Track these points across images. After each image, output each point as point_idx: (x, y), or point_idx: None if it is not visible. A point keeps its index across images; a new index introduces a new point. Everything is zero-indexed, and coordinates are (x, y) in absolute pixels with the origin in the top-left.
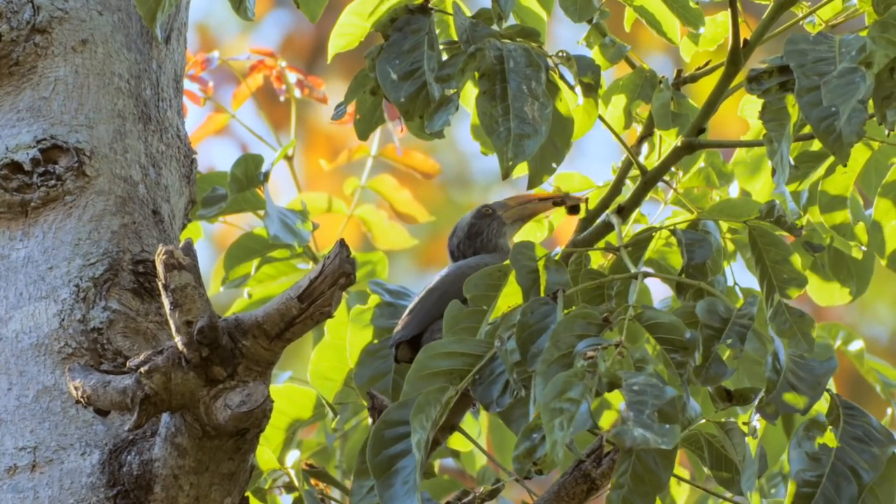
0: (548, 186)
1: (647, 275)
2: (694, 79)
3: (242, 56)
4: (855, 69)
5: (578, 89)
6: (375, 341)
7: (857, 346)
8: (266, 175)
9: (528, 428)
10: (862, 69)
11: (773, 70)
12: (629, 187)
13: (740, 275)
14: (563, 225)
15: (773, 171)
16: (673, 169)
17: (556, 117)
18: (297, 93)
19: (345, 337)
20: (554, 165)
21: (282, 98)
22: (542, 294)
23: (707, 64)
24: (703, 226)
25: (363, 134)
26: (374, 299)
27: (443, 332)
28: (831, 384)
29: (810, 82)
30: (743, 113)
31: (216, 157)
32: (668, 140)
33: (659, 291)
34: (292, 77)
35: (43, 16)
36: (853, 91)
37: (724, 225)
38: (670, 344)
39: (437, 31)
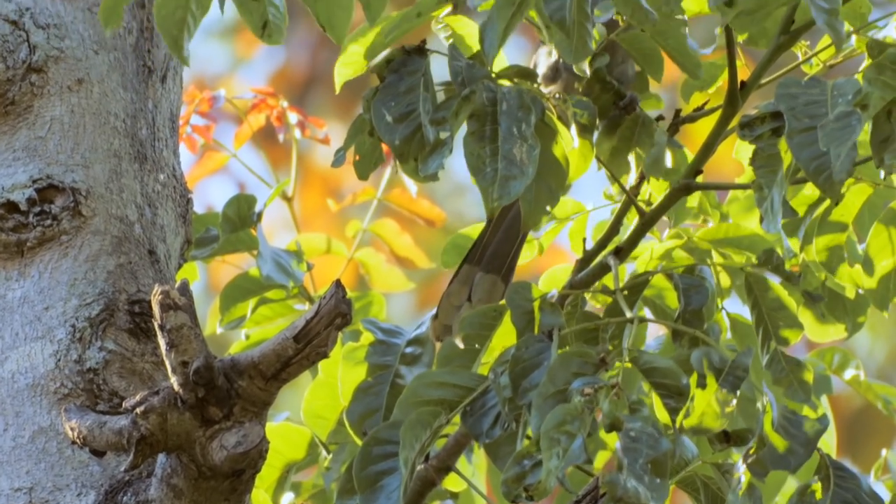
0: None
1: (642, 320)
2: (692, 120)
3: (245, 95)
4: (851, 112)
5: (574, 130)
6: (369, 378)
7: (853, 370)
8: (259, 215)
9: (520, 454)
10: (858, 111)
11: (765, 116)
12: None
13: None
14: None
15: (762, 219)
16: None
17: (552, 160)
18: (297, 133)
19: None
20: (549, 208)
21: (281, 137)
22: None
23: (705, 105)
24: (700, 270)
25: (363, 174)
26: (367, 337)
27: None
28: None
29: (801, 124)
30: (738, 155)
31: (214, 196)
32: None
33: (654, 327)
34: (293, 117)
35: (39, 55)
36: (849, 134)
37: (723, 253)
38: (665, 389)
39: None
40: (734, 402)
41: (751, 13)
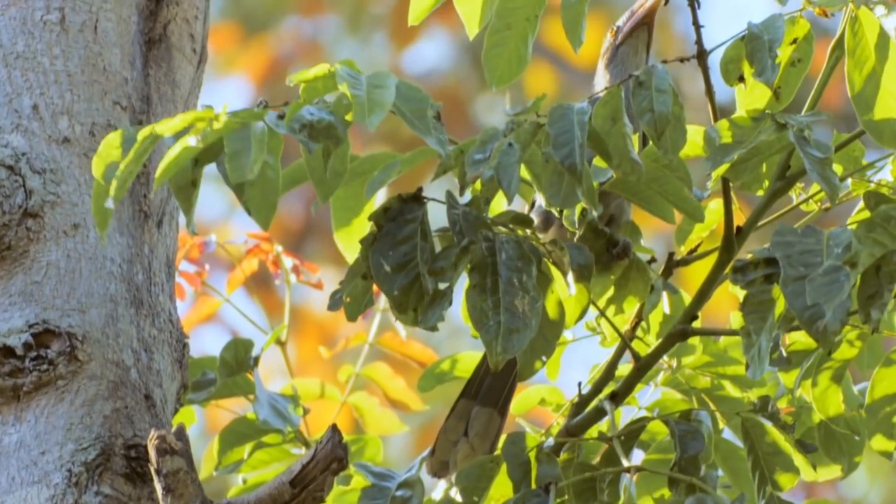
0: None
1: (639, 469)
2: (686, 263)
3: (238, 240)
4: (839, 268)
5: (570, 277)
6: None
7: None
8: (256, 360)
9: None
10: (846, 268)
11: (758, 261)
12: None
13: None
14: None
15: (748, 366)
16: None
17: (547, 310)
18: (292, 278)
19: None
20: (544, 358)
21: (277, 282)
22: (534, 486)
23: (698, 247)
24: (696, 415)
25: (352, 316)
26: (358, 481)
27: None
28: None
29: (796, 272)
30: (733, 290)
31: (209, 342)
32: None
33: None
34: (288, 262)
35: (35, 200)
36: (837, 290)
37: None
38: None
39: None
40: None
41: (745, 160)
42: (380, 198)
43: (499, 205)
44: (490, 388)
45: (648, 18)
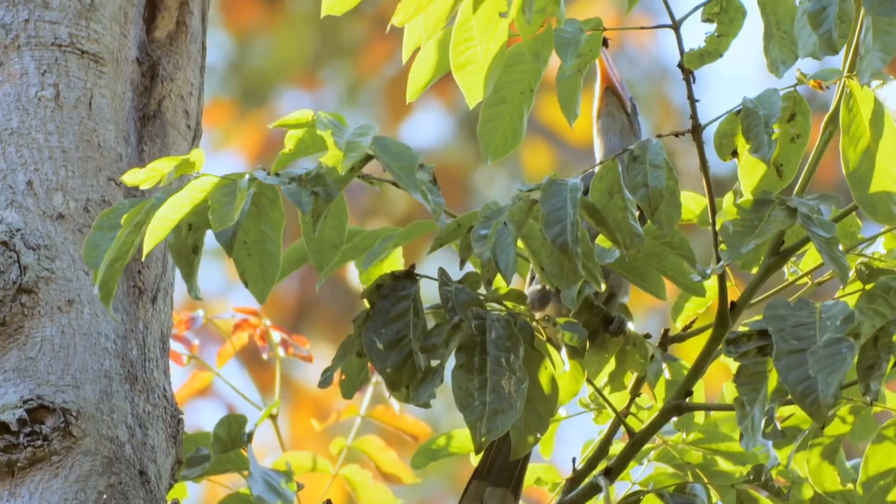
0: None
1: None
2: (681, 339)
3: (226, 314)
4: (842, 339)
5: (564, 353)
6: None
7: None
8: (250, 436)
9: None
10: (850, 340)
11: (752, 334)
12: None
13: None
14: None
15: (741, 437)
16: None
17: (540, 386)
18: (281, 352)
19: None
20: (539, 435)
21: (265, 356)
22: None
23: (693, 323)
24: (691, 489)
25: (348, 394)
26: None
27: None
28: None
29: (788, 346)
30: (726, 361)
31: (203, 416)
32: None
33: None
34: (276, 336)
35: (30, 276)
36: (840, 362)
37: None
38: None
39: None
40: None
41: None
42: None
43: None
44: (502, 468)
45: (605, 82)
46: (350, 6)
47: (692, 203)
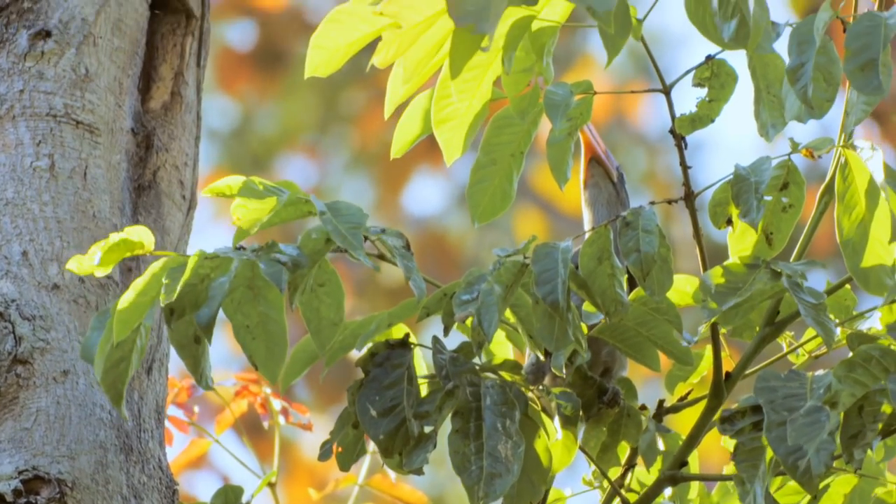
0: None
1: None
2: (676, 409)
3: (227, 382)
4: (820, 408)
5: (557, 422)
6: None
7: None
8: None
9: None
10: (826, 409)
11: (745, 410)
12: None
13: None
14: None
15: None
16: None
17: (535, 454)
18: (281, 420)
19: None
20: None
21: (265, 424)
22: None
23: (689, 394)
24: None
25: (345, 466)
26: None
27: None
28: None
29: (779, 417)
30: (725, 443)
31: (200, 486)
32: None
33: None
34: (277, 404)
35: (25, 346)
36: (818, 430)
37: None
38: None
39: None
40: None
41: (735, 307)
42: None
43: (503, 351)
44: None
45: (589, 152)
46: (334, 68)
47: (687, 285)
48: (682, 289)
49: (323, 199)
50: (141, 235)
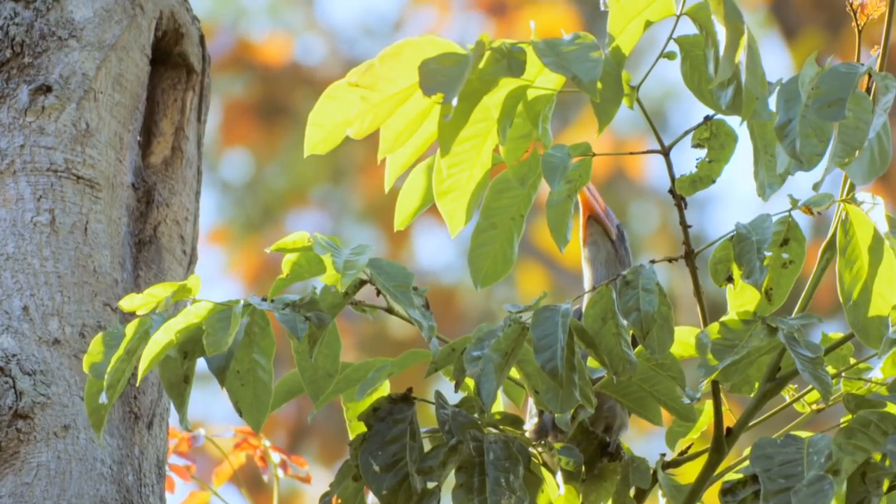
0: None
1: None
2: (677, 464)
3: (227, 433)
4: (823, 477)
5: (560, 477)
6: None
7: None
8: None
9: None
10: (829, 477)
11: (746, 480)
12: None
13: None
14: None
15: None
16: None
17: None
18: (279, 472)
19: None
20: None
21: (265, 477)
22: None
23: (689, 448)
24: None
25: None
26: None
27: None
28: None
29: (776, 486)
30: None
31: None
32: None
33: None
34: (276, 457)
35: (25, 401)
36: (822, 499)
37: None
38: None
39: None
40: None
41: (734, 363)
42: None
43: (502, 403)
44: None
45: (588, 211)
46: (333, 145)
47: (690, 337)
48: (686, 340)
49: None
50: (193, 283)
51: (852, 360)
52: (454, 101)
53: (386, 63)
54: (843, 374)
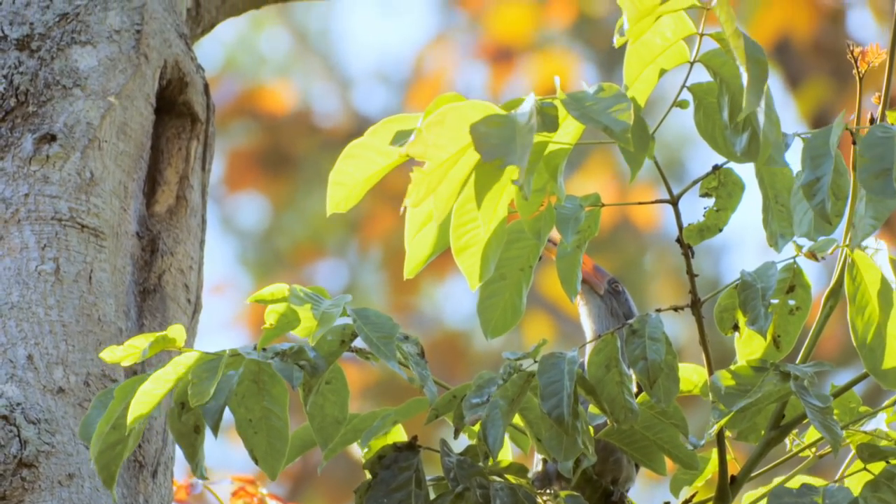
0: None
1: None
2: None
3: (224, 482)
4: None
5: None
6: None
7: None
8: None
9: None
10: None
11: None
12: None
13: None
14: None
15: None
16: None
17: None
18: None
19: None
20: None
21: None
22: None
23: (694, 497)
24: None
25: None
26: None
27: None
28: None
29: None
30: None
31: None
32: None
33: None
34: None
35: (30, 450)
36: None
37: None
38: None
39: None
40: None
41: (743, 410)
42: None
43: (507, 451)
44: None
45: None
46: (354, 202)
47: (694, 374)
48: (689, 378)
49: (356, 299)
50: (176, 333)
51: (862, 409)
52: (524, 163)
53: (433, 130)
54: (849, 426)
